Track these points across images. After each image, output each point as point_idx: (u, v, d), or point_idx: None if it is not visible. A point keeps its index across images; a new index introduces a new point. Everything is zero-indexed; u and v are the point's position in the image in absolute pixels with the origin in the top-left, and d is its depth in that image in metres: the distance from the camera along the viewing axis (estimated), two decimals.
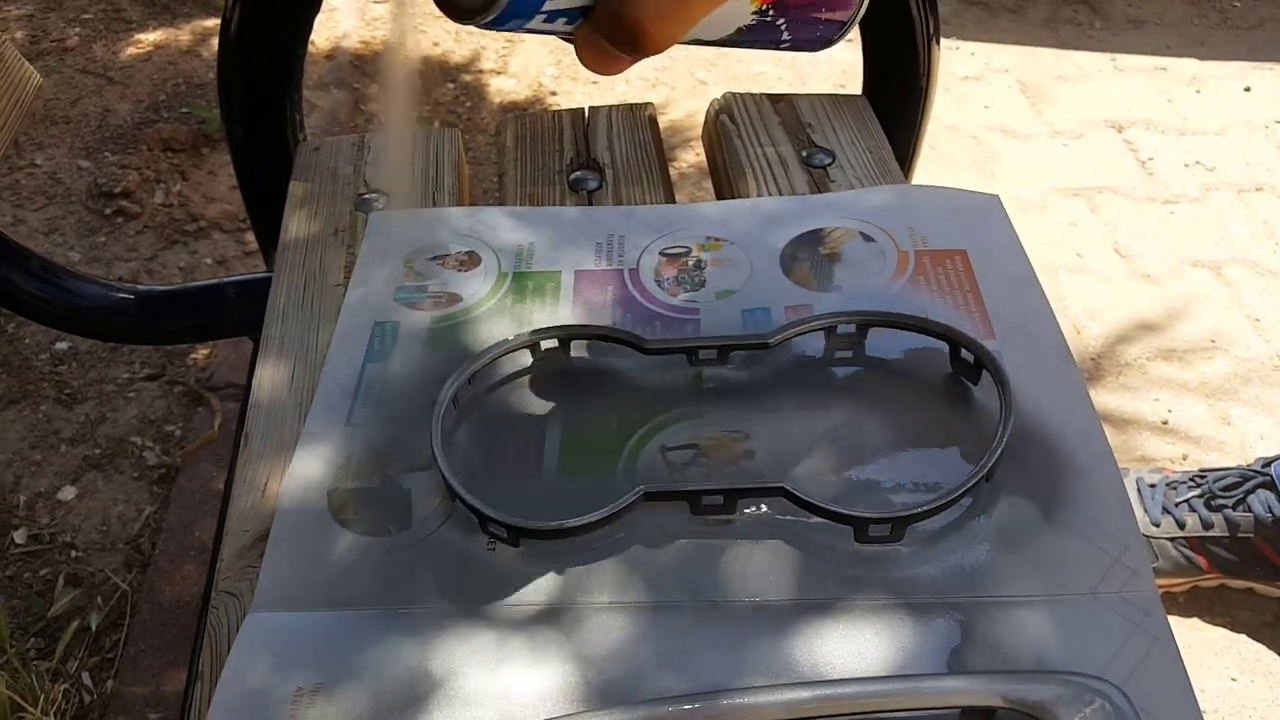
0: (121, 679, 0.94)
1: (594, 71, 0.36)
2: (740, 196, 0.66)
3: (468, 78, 1.63)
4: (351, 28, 1.71)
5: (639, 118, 0.73)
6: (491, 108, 1.57)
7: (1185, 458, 1.14)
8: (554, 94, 1.60)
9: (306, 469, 0.49)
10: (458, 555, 0.45)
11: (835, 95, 0.73)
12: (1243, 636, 0.99)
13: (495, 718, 0.40)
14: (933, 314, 0.53)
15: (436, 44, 1.69)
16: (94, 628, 0.97)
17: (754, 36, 0.41)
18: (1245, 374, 1.23)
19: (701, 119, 0.77)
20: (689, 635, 0.43)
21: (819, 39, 0.42)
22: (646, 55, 0.34)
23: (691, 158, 1.50)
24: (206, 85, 1.58)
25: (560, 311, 0.56)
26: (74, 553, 1.03)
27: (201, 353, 1.22)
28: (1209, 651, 0.98)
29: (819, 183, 0.66)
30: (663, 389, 0.52)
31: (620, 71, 0.36)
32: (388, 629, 0.43)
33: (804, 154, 0.68)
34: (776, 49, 0.42)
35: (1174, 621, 0.40)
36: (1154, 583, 0.44)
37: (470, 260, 0.59)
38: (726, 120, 0.71)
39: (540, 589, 0.44)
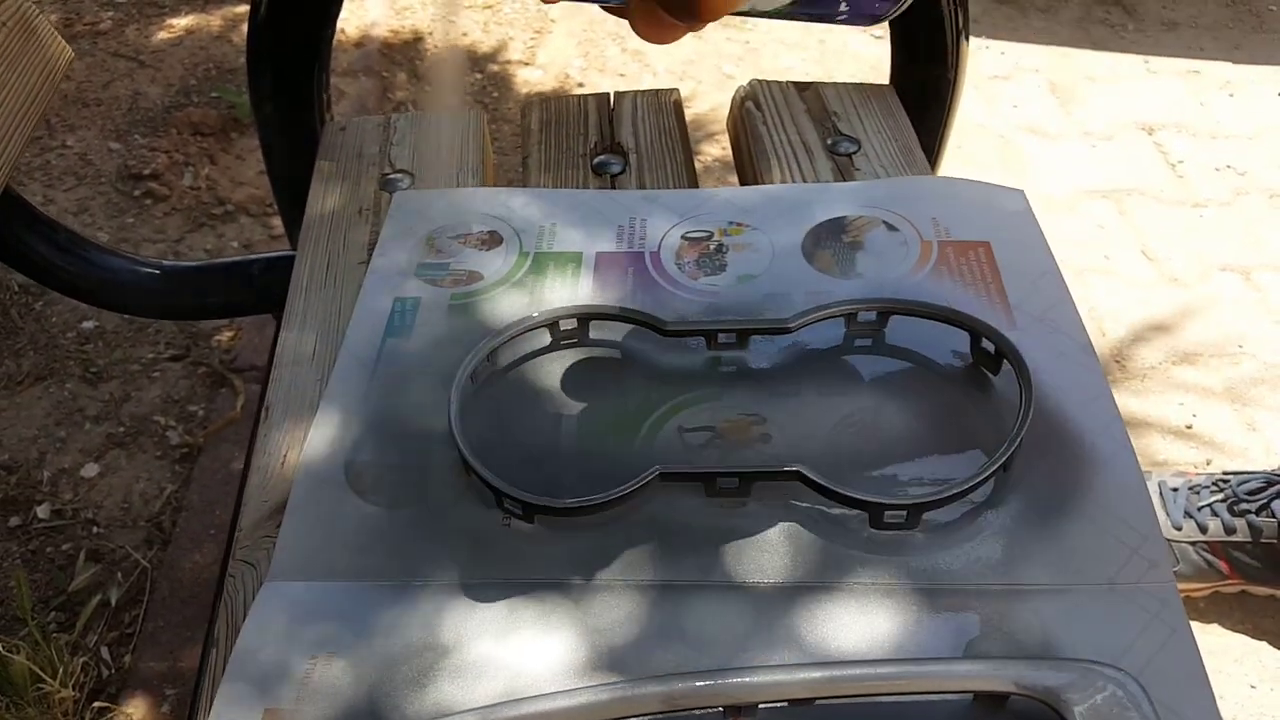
0: (140, 654, 0.95)
1: (649, 41, 0.35)
2: (764, 183, 0.66)
3: (495, 68, 1.63)
4: (381, 16, 1.72)
5: (664, 103, 0.73)
6: (518, 98, 1.57)
7: (1209, 463, 1.12)
8: (580, 85, 1.61)
9: (324, 440, 0.49)
10: (472, 529, 0.46)
11: (862, 84, 0.73)
12: (1263, 644, 0.98)
13: (506, 691, 0.40)
14: (954, 304, 0.53)
15: (465, 34, 1.69)
16: (114, 603, 0.98)
17: (810, 9, 0.39)
18: (1273, 380, 1.21)
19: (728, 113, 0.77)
20: (702, 615, 0.42)
21: (875, 13, 0.40)
22: (701, 22, 0.34)
23: (717, 151, 1.49)
24: (237, 70, 1.59)
25: (580, 291, 0.56)
26: (96, 529, 1.05)
27: (225, 334, 1.23)
28: (1228, 658, 0.97)
29: (844, 170, 0.66)
30: (681, 371, 0.52)
31: (674, 40, 0.35)
32: (401, 600, 0.43)
33: (829, 142, 0.68)
34: (832, 22, 0.40)
35: (1193, 627, 0.40)
36: (1172, 574, 0.43)
37: (492, 239, 0.59)
38: (752, 107, 0.71)
39: (554, 565, 0.44)
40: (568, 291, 0.56)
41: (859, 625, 0.42)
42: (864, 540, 0.45)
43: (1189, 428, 1.16)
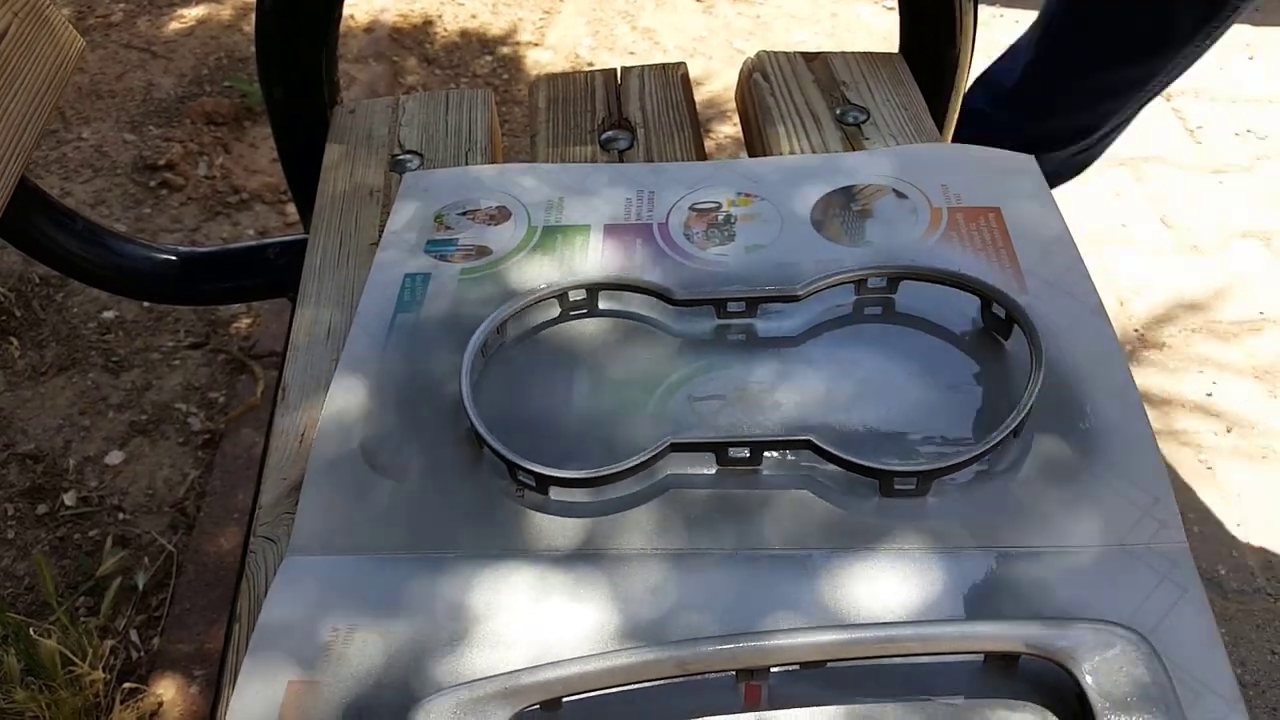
0: (167, 636, 0.97)
1: None
2: (773, 154, 0.65)
3: (505, 50, 1.63)
4: (390, 2, 1.72)
5: (671, 77, 0.73)
6: (529, 80, 1.57)
7: (1229, 431, 1.12)
8: (590, 64, 1.60)
9: (338, 416, 0.50)
10: (486, 502, 0.46)
11: (870, 53, 0.73)
12: None
13: (523, 659, 0.41)
14: (965, 270, 0.52)
15: (474, 16, 1.69)
16: (141, 587, 1.00)
17: None
18: None
19: None
20: (715, 582, 0.43)
21: None
22: None
23: (728, 129, 1.49)
24: (248, 59, 1.59)
25: (588, 264, 0.56)
26: (121, 515, 1.06)
27: (245, 321, 1.24)
28: (1250, 624, 0.97)
29: (853, 140, 0.66)
30: (691, 340, 0.52)
31: None
32: (418, 572, 0.44)
33: (838, 111, 0.67)
34: None
35: None
36: (1183, 534, 0.43)
37: (500, 214, 0.59)
38: (760, 78, 0.71)
39: (568, 536, 0.45)
40: (577, 264, 0.56)
41: (870, 588, 0.42)
42: (875, 505, 0.45)
43: (1209, 396, 1.15)
